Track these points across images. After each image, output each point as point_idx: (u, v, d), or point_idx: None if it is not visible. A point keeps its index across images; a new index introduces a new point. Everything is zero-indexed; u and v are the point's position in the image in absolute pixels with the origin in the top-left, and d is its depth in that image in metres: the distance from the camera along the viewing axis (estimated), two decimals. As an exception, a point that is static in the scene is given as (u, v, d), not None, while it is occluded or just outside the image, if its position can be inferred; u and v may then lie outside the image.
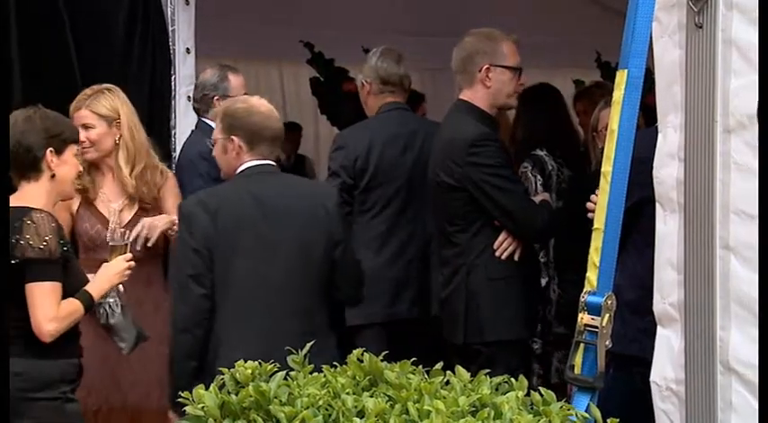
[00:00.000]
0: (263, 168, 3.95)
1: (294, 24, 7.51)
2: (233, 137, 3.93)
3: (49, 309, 3.60)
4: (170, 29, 5.22)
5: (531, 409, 2.79)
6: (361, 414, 2.72)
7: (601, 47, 7.99)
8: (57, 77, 4.86)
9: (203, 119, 5.04)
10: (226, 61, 7.63)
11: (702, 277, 3.01)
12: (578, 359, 3.16)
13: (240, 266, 3.81)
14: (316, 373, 2.97)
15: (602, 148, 4.70)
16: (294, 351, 3.05)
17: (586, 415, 2.88)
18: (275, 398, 2.79)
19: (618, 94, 3.14)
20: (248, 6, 6.98)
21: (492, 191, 4.35)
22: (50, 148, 3.74)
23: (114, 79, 5.04)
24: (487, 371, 2.97)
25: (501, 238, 4.39)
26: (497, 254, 4.38)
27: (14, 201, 3.69)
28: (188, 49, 5.26)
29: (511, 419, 2.64)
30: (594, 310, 3.13)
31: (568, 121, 5.59)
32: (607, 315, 3.10)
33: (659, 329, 3.19)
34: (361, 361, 3.01)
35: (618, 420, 2.76)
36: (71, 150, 3.81)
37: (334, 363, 3.07)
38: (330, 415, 2.74)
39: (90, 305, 3.77)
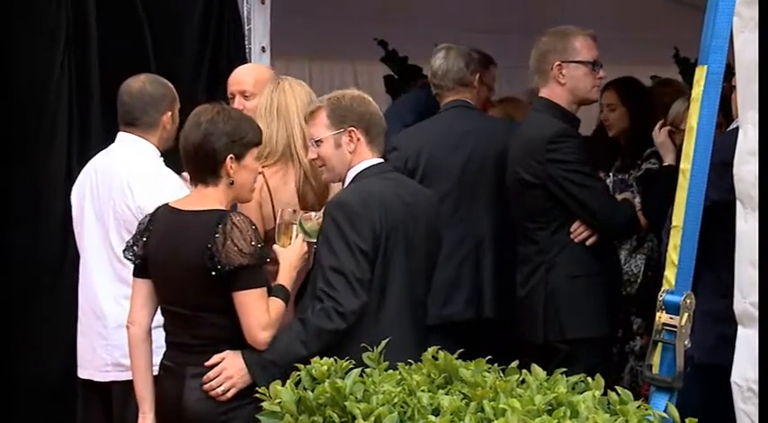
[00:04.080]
0: (387, 166, 3.82)
1: (368, 22, 7.52)
2: (351, 129, 3.73)
3: (262, 316, 3.44)
4: (246, 28, 5.27)
5: (608, 408, 2.77)
6: (436, 412, 2.72)
7: (679, 42, 7.88)
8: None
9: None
10: (301, 60, 7.73)
11: (784, 276, 2.96)
12: (656, 359, 3.13)
13: (395, 271, 3.68)
14: (391, 371, 2.97)
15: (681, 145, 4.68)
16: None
17: (664, 415, 2.84)
18: (351, 394, 2.80)
19: (697, 90, 3.10)
20: (323, 4, 7.02)
21: (571, 187, 4.33)
22: (231, 155, 3.49)
23: (189, 78, 5.13)
24: (564, 370, 2.95)
25: (576, 223, 4.36)
26: (572, 236, 4.35)
27: (192, 203, 3.55)
28: (263, 47, 5.29)
29: (587, 418, 2.62)
30: (673, 308, 3.09)
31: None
32: (686, 314, 3.06)
33: (740, 329, 3.13)
34: (436, 359, 3.01)
35: (696, 420, 2.72)
36: (252, 154, 3.55)
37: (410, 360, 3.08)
38: (405, 412, 2.74)
39: (287, 299, 3.59)
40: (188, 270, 3.46)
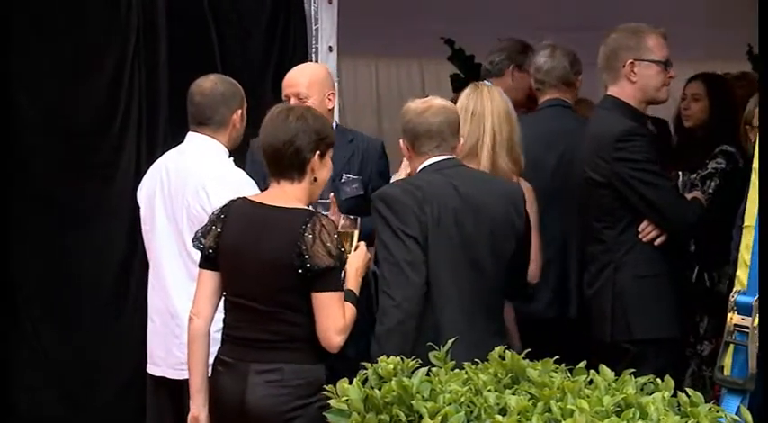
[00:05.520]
0: (453, 162, 3.85)
1: (435, 21, 7.51)
2: (402, 139, 3.87)
3: (339, 319, 3.46)
4: (313, 27, 5.28)
5: (678, 410, 2.73)
6: (503, 411, 2.70)
7: (753, 39, 7.74)
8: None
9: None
10: (367, 59, 7.75)
11: None
12: (728, 360, 3.09)
13: (445, 259, 3.71)
14: (457, 370, 2.96)
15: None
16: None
17: (736, 417, 2.79)
18: (418, 393, 2.80)
19: (770, 87, 3.04)
20: (389, 3, 7.02)
21: (639, 186, 4.28)
22: (318, 151, 3.56)
23: (256, 79, 5.16)
24: (632, 370, 2.91)
25: (645, 223, 4.31)
26: (640, 236, 4.31)
27: (274, 199, 3.57)
28: (330, 47, 5.31)
29: (658, 420, 2.58)
30: (745, 309, 3.05)
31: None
32: (758, 315, 3.01)
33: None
34: (503, 358, 3.00)
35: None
36: (329, 153, 3.63)
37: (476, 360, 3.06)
38: (472, 411, 2.73)
39: (356, 304, 3.60)
40: (272, 266, 3.47)
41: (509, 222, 3.84)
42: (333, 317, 3.45)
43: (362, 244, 3.76)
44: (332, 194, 4.22)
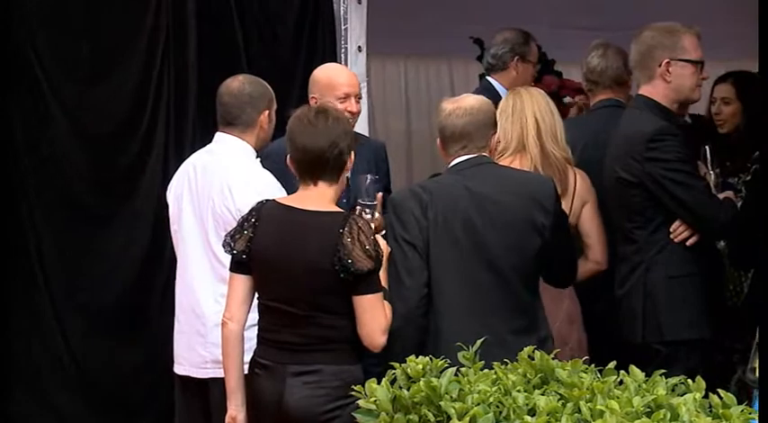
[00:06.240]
0: (476, 161, 3.85)
1: (463, 21, 7.50)
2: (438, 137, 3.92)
3: (381, 319, 3.48)
4: (342, 27, 5.28)
5: (710, 411, 2.70)
6: (532, 412, 2.69)
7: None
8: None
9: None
10: (396, 59, 7.74)
11: None
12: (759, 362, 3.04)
13: (448, 261, 3.72)
14: (486, 370, 2.95)
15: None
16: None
17: (769, 419, 2.76)
18: (446, 393, 2.78)
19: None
20: (418, 3, 7.01)
21: (671, 186, 4.25)
22: (352, 152, 3.59)
23: (283, 79, 5.18)
24: (663, 371, 2.89)
25: (677, 223, 4.28)
26: (672, 236, 4.28)
27: (308, 202, 3.55)
28: (360, 47, 5.31)
29: (689, 422, 2.56)
30: (777, 310, 3.01)
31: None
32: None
33: None
34: (532, 358, 2.98)
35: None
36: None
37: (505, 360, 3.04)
38: (501, 412, 2.72)
39: (391, 301, 3.63)
40: (309, 270, 3.46)
41: (529, 220, 3.81)
42: (377, 318, 3.47)
43: (380, 237, 3.75)
44: (379, 195, 4.21)
